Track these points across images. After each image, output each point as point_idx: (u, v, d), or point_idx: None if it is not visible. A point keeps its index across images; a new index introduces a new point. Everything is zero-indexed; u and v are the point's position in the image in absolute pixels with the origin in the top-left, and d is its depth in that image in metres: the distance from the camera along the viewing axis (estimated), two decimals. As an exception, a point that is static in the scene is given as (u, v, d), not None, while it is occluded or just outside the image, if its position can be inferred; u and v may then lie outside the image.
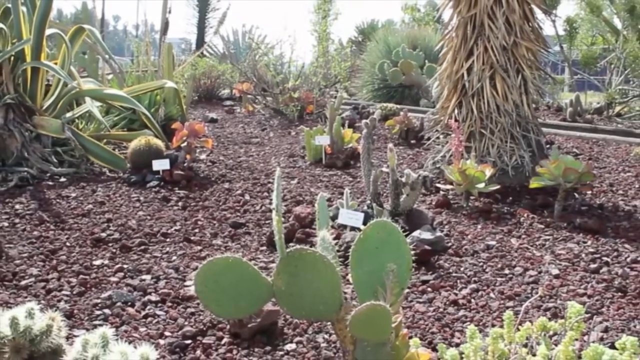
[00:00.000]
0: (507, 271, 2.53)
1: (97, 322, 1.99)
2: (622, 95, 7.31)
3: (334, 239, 1.93)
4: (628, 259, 2.65)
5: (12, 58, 4.22)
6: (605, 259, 2.66)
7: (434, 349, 1.77)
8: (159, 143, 4.12)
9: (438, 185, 3.73)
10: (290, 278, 1.50)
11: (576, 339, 1.36)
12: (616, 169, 4.52)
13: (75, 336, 1.80)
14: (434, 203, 3.51)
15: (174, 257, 2.64)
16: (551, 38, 7.85)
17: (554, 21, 7.65)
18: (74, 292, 2.23)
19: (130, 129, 4.99)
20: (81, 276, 2.37)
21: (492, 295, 2.30)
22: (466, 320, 2.08)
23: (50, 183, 3.81)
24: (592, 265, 2.57)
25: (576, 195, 3.63)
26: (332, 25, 9.32)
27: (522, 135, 3.84)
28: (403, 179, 2.97)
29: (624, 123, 6.80)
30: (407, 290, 2.23)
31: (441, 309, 2.17)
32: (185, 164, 4.06)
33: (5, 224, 3.01)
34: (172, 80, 5.49)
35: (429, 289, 2.34)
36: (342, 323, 1.54)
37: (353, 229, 2.78)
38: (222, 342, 1.91)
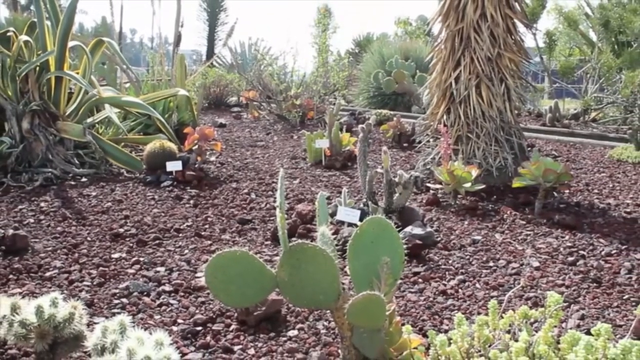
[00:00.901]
0: (491, 264, 2.53)
1: (115, 311, 1.99)
2: (597, 102, 7.30)
3: (333, 234, 1.93)
4: (602, 253, 2.65)
5: (37, 68, 4.22)
6: (581, 252, 2.66)
7: (425, 335, 1.77)
8: (172, 146, 4.12)
9: (428, 184, 3.73)
10: (293, 270, 1.50)
11: (555, 326, 1.36)
12: (592, 170, 4.52)
13: (96, 323, 1.80)
14: (424, 201, 3.51)
15: (186, 251, 2.64)
16: (532, 49, 7.84)
17: (534, 34, 7.65)
18: (94, 283, 2.24)
19: (146, 133, 5.00)
20: (101, 268, 2.37)
21: (477, 285, 2.30)
22: (454, 309, 2.08)
23: (73, 183, 3.81)
24: (570, 258, 2.57)
25: (555, 194, 3.63)
26: (331, 38, 9.34)
27: (506, 139, 3.84)
28: (396, 179, 2.97)
29: (599, 128, 6.79)
30: (399, 281, 2.23)
31: (431, 299, 2.17)
32: (197, 165, 4.06)
33: (31, 220, 3.01)
34: (184, 88, 5.49)
35: (420, 280, 2.34)
36: (340, 311, 1.54)
37: (350, 224, 2.77)
38: (230, 328, 1.91)
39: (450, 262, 2.55)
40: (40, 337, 1.50)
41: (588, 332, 1.30)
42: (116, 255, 2.54)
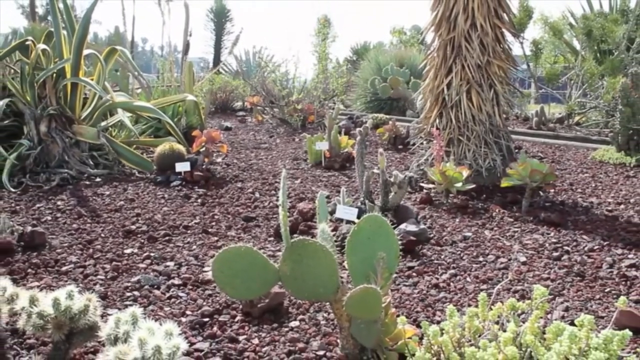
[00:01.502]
0: (481, 259, 2.53)
1: (127, 303, 2.00)
2: (581, 107, 7.30)
3: (332, 230, 1.94)
4: (586, 248, 2.65)
5: (54, 75, 4.23)
6: (566, 248, 2.66)
7: (418, 326, 1.77)
8: (181, 148, 4.12)
9: (422, 184, 3.73)
10: (295, 264, 1.50)
11: (541, 317, 1.36)
12: (575, 171, 4.52)
13: (109, 315, 1.80)
14: (418, 200, 3.51)
15: (194, 247, 2.64)
16: (519, 57, 7.83)
17: (521, 43, 7.64)
18: (108, 277, 2.24)
19: (156, 136, 5.00)
20: (114, 263, 2.37)
21: (468, 279, 2.30)
22: (446, 301, 2.08)
23: (87, 183, 3.81)
24: (555, 254, 2.57)
25: (541, 193, 3.63)
26: (331, 46, 9.31)
27: (494, 142, 3.84)
28: (391, 179, 2.97)
29: (582, 131, 6.79)
30: (394, 275, 2.23)
31: (424, 292, 2.17)
32: (204, 166, 4.06)
33: (49, 217, 3.01)
34: (193, 94, 5.49)
35: (414, 274, 2.34)
36: (339, 303, 1.54)
37: (348, 222, 2.77)
38: (236, 319, 1.91)
39: (442, 257, 2.55)
40: (57, 328, 1.50)
41: (572, 323, 1.30)
42: (128, 251, 2.54)
